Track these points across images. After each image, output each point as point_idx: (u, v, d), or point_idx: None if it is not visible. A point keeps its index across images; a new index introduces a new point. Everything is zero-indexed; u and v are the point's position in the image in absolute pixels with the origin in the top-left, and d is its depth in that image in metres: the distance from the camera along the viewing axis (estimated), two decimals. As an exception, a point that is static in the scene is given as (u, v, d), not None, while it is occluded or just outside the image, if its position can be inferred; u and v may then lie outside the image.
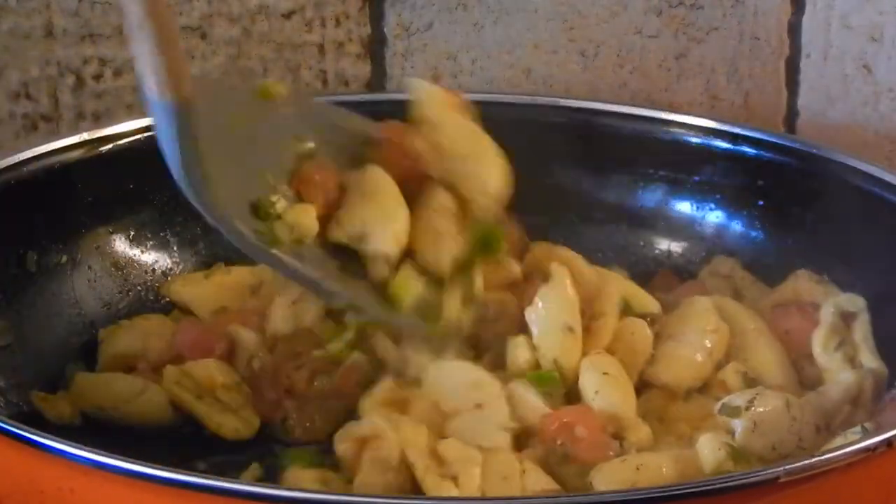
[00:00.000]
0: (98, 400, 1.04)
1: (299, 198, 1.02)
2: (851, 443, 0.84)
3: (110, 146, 1.17)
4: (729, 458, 0.93)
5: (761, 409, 0.97)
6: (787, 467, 0.80)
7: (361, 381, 1.03)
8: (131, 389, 1.04)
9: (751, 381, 1.04)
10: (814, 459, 0.82)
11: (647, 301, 1.08)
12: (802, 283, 1.11)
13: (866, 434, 0.93)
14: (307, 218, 1.01)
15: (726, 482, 0.81)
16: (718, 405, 0.99)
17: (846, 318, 1.07)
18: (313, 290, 1.03)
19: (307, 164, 1.03)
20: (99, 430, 1.04)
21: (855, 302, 1.07)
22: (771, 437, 0.96)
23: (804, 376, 1.07)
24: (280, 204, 1.00)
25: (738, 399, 0.98)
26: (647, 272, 1.19)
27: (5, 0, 1.27)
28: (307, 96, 1.14)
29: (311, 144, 1.04)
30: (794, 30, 1.35)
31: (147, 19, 0.92)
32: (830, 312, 1.07)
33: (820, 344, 1.06)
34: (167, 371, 1.05)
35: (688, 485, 0.83)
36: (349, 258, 1.03)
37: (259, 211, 1.00)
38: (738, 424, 0.96)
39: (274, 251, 1.00)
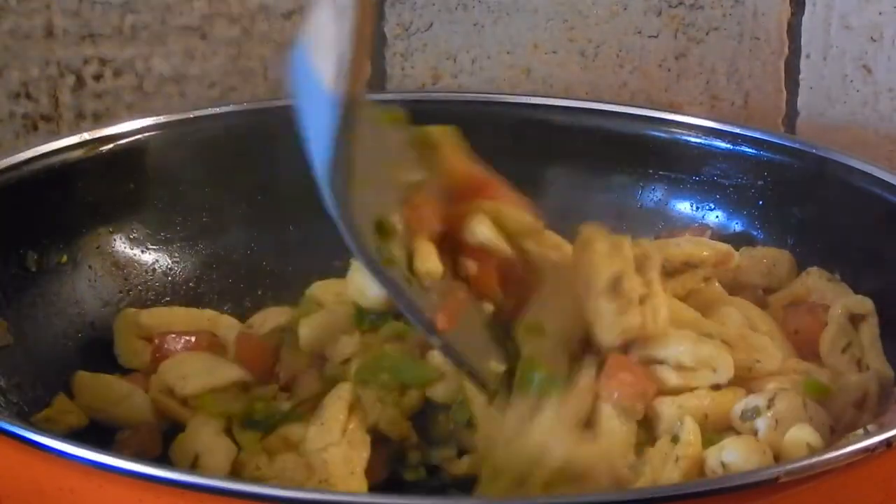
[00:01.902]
0: (88, 400, 1.05)
1: (408, 227, 0.97)
2: (851, 443, 0.84)
3: (110, 146, 1.17)
4: None
5: (781, 408, 0.97)
6: (786, 467, 0.80)
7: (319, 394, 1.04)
8: (118, 393, 1.04)
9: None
10: (813, 460, 0.82)
11: None
12: (814, 282, 1.11)
13: (867, 435, 0.92)
14: (432, 261, 0.97)
15: (726, 482, 0.81)
16: (738, 410, 0.98)
17: (854, 320, 1.07)
18: (415, 319, 0.96)
19: (418, 195, 0.98)
20: (99, 430, 1.04)
21: (864, 304, 1.06)
22: None
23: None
24: (399, 225, 0.96)
25: (756, 399, 0.98)
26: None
27: (5, 0, 1.28)
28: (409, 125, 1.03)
29: (419, 176, 0.99)
30: (794, 30, 1.35)
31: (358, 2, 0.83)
32: (839, 314, 1.06)
33: (827, 345, 1.06)
34: (154, 379, 1.05)
35: (688, 485, 0.84)
36: None
37: (381, 229, 0.96)
38: (762, 423, 0.96)
39: (389, 272, 0.94)
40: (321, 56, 0.86)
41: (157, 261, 1.18)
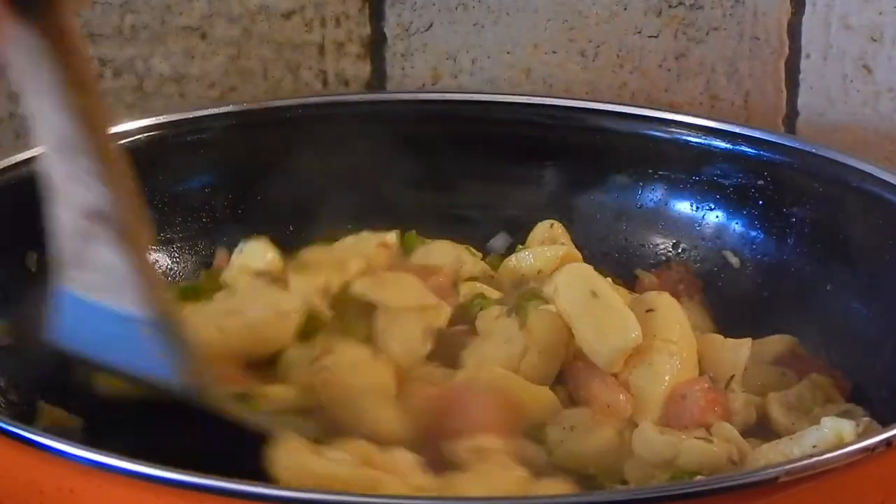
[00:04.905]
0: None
1: None
2: (851, 443, 0.84)
3: (110, 146, 1.16)
4: None
5: None
6: (786, 467, 0.80)
7: None
8: None
9: None
10: (813, 459, 0.82)
11: None
12: None
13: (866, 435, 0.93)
14: None
15: (726, 482, 0.81)
16: None
17: None
18: None
19: None
20: (99, 430, 1.03)
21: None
22: None
23: None
24: None
25: None
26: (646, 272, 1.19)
27: (5, 0, 1.27)
28: None
29: None
30: (794, 30, 1.35)
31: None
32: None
33: None
34: None
35: (687, 485, 0.84)
36: None
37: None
38: None
39: None
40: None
41: (156, 261, 1.18)
